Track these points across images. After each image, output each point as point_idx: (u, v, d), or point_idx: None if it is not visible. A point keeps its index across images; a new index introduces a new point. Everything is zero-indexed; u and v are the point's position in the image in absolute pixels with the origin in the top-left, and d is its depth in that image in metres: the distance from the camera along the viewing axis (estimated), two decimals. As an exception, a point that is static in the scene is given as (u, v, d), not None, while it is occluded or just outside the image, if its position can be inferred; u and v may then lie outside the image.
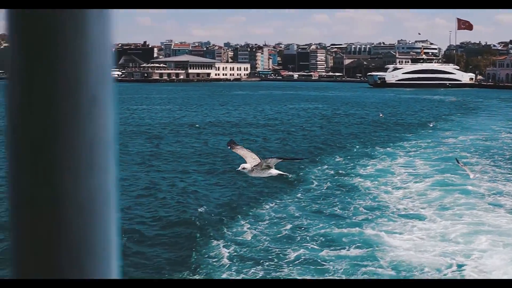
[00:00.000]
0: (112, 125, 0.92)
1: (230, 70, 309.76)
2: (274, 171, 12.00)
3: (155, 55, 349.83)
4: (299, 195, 28.37)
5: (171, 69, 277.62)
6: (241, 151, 12.88)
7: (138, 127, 59.92)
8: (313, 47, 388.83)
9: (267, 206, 25.91)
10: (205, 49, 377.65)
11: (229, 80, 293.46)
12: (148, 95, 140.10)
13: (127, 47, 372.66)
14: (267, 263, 18.77)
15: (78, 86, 0.87)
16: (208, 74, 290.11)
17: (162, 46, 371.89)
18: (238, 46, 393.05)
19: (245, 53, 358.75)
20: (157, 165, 36.37)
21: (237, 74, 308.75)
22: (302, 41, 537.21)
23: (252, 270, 18.11)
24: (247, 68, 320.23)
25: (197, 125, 61.66)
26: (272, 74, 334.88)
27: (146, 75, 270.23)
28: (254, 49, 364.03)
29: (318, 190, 29.61)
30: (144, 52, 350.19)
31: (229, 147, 13.89)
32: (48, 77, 0.86)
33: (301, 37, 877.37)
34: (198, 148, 43.40)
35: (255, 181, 30.11)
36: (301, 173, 33.41)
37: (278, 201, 27.05)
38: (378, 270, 18.26)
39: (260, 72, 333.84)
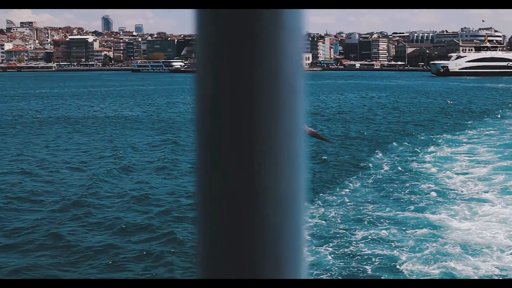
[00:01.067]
0: (305, 115, 0.91)
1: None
2: None
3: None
4: (366, 180, 29.56)
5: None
6: None
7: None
8: (375, 36, 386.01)
9: (337, 190, 27.17)
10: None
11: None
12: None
13: (190, 38, 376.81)
14: (337, 241, 20.09)
15: (277, 76, 0.85)
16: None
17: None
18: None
19: (306, 42, 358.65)
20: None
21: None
22: (364, 30, 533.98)
23: (324, 247, 19.45)
24: (308, 57, 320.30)
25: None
26: (334, 64, 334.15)
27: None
28: (315, 39, 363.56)
29: (384, 175, 30.72)
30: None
31: None
32: (247, 68, 0.83)
33: (363, 26, 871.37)
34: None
35: (325, 166, 31.54)
36: (368, 159, 34.65)
37: (348, 184, 28.33)
38: (444, 248, 19.31)
39: (322, 62, 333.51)
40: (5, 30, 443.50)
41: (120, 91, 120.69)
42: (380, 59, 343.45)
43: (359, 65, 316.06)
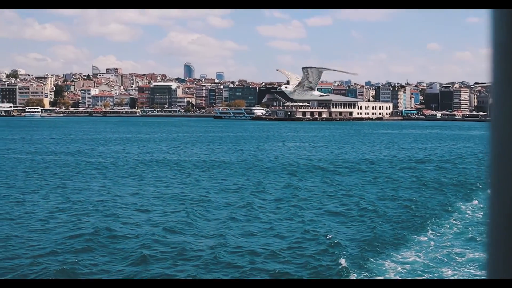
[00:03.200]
0: None
1: (372, 109, 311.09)
2: (316, 93, 12.02)
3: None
4: (453, 222, 31.48)
5: (314, 108, 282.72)
6: (286, 72, 13.21)
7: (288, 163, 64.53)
8: (456, 85, 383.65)
9: (427, 233, 29.14)
10: (347, 87, 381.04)
11: (372, 119, 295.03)
12: (299, 132, 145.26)
13: (270, 86, 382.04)
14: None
15: None
16: (351, 113, 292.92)
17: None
18: (379, 85, 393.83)
19: (387, 92, 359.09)
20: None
21: (379, 113, 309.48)
22: (445, 80, 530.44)
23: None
24: (389, 107, 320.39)
25: (351, 162, 65.41)
26: (415, 113, 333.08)
27: (289, 113, 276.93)
28: (396, 88, 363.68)
29: (470, 219, 32.45)
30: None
31: (277, 70, 14.26)
32: None
33: (444, 75, 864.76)
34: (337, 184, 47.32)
35: (406, 215, 33.54)
36: (453, 204, 36.58)
37: (435, 227, 30.27)
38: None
39: (403, 111, 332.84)
40: (91, 76, 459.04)
41: (208, 137, 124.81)
42: (461, 109, 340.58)
43: (440, 115, 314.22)
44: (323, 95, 13.26)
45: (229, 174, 52.04)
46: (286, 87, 10.18)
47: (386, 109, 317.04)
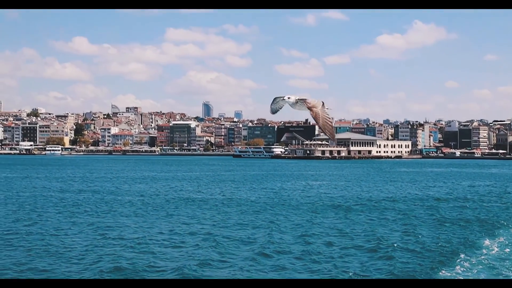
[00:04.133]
0: None
1: (391, 147, 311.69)
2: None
3: (317, 132, 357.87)
4: (480, 258, 32.16)
5: (333, 147, 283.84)
6: (284, 97, 12.75)
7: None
8: (475, 123, 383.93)
9: (455, 268, 29.84)
10: (365, 126, 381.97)
11: (391, 157, 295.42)
12: (321, 171, 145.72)
13: (289, 124, 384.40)
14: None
15: None
16: (369, 151, 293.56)
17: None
18: (398, 123, 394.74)
19: (405, 130, 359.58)
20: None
21: (398, 151, 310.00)
22: (463, 118, 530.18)
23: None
24: (408, 145, 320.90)
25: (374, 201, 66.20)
26: (434, 152, 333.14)
27: (308, 152, 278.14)
28: (414, 126, 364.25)
29: (497, 256, 33.03)
30: (306, 129, 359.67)
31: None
32: None
33: (462, 113, 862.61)
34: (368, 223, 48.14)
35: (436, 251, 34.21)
36: (478, 241, 37.28)
37: (462, 263, 30.94)
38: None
39: (423, 150, 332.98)
40: (111, 115, 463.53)
41: (230, 175, 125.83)
42: (480, 147, 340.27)
43: (459, 153, 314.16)
44: (328, 108, 13.50)
45: (257, 212, 52.99)
46: (289, 97, 10.47)
47: (405, 147, 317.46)
